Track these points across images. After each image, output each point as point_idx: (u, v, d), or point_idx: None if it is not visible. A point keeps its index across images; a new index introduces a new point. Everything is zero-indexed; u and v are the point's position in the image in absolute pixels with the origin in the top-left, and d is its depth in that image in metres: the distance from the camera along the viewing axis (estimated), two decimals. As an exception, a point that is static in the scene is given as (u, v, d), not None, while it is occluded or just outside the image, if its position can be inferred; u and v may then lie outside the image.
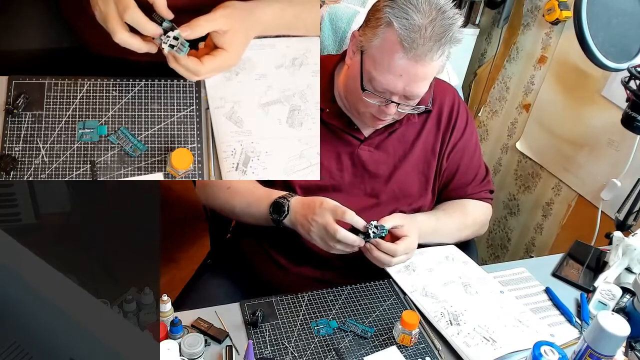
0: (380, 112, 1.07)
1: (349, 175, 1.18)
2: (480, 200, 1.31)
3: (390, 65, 1.00)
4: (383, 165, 1.19)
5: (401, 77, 1.00)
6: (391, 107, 1.05)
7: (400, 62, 0.99)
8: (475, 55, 2.36)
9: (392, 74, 1.00)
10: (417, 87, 1.03)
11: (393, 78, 1.01)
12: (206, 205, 1.31)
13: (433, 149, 1.22)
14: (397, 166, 1.20)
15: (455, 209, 1.26)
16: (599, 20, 1.26)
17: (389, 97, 1.04)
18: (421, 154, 1.22)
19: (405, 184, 1.21)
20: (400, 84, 1.01)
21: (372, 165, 1.19)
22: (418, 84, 1.02)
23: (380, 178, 1.19)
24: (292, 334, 0.98)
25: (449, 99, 1.24)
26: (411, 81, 1.01)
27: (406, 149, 1.21)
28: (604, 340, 0.88)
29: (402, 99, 1.05)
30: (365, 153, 1.18)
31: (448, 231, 1.23)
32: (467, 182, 1.28)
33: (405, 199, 1.21)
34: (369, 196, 1.19)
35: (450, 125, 1.23)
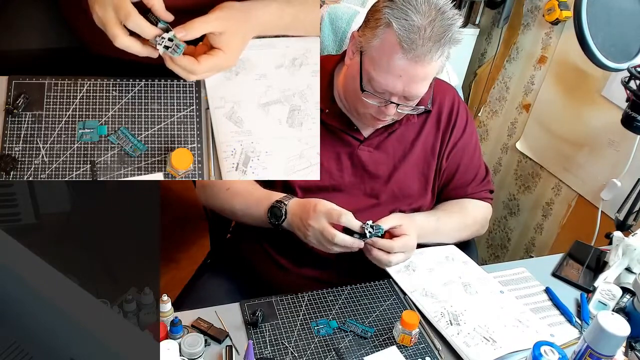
0: (379, 113, 1.07)
1: (348, 175, 1.18)
2: (480, 200, 1.31)
3: (390, 66, 1.00)
4: (383, 166, 1.19)
5: (400, 78, 1.00)
6: (390, 107, 1.05)
7: (400, 62, 0.99)
8: (475, 55, 2.36)
9: (391, 75, 1.00)
10: (417, 88, 1.03)
11: (392, 79, 1.01)
12: (206, 206, 1.31)
13: (433, 148, 1.22)
14: (396, 166, 1.20)
15: (455, 209, 1.26)
16: (599, 20, 1.26)
17: (389, 97, 1.04)
18: (421, 154, 1.22)
19: (405, 184, 1.21)
20: (399, 84, 1.01)
21: (371, 165, 1.19)
22: (417, 85, 1.02)
23: (380, 178, 1.19)
24: (292, 334, 0.98)
25: (449, 99, 1.24)
26: (411, 82, 1.01)
27: (406, 149, 1.21)
28: (604, 340, 0.88)
29: (401, 100, 1.05)
30: (365, 153, 1.18)
31: (448, 231, 1.23)
32: (467, 182, 1.28)
33: (405, 199, 1.21)
34: (369, 196, 1.19)
35: (450, 125, 1.23)
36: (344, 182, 1.18)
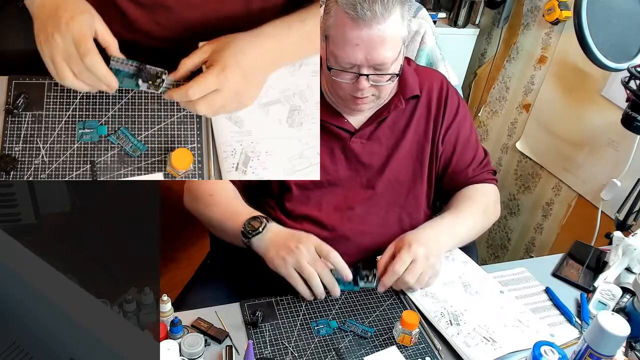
0: (355, 90, 1.07)
1: (343, 169, 1.19)
2: (484, 182, 1.28)
3: (345, 39, 1.01)
4: (376, 156, 1.20)
5: (358, 47, 1.01)
6: (362, 80, 1.05)
7: (353, 32, 1.00)
8: (475, 55, 2.36)
9: (348, 46, 1.02)
10: (379, 53, 1.02)
11: (351, 49, 1.02)
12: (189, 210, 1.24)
13: (425, 134, 1.22)
14: (390, 155, 1.20)
15: (462, 207, 1.21)
16: (599, 20, 1.26)
17: (358, 71, 1.04)
18: (414, 142, 1.22)
19: (400, 173, 1.21)
20: (360, 53, 1.02)
21: (365, 156, 1.19)
22: (378, 50, 1.02)
23: (375, 169, 1.20)
24: (292, 334, 0.98)
25: (437, 84, 1.24)
26: (370, 48, 1.01)
27: (398, 138, 1.21)
28: (604, 340, 0.88)
29: (370, 70, 1.05)
30: (358, 145, 1.18)
31: (466, 234, 1.19)
32: (466, 164, 1.26)
33: (401, 187, 1.22)
34: (365, 188, 1.20)
35: (441, 109, 1.23)
36: (339, 176, 1.18)
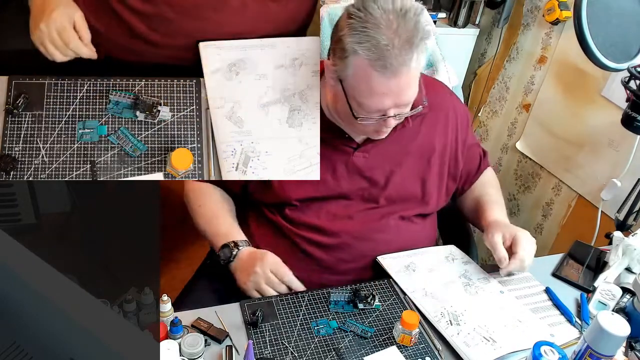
0: (380, 127, 1.06)
1: (345, 183, 1.16)
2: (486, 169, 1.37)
3: (372, 89, 0.98)
4: (379, 170, 1.18)
5: (386, 95, 0.98)
6: (389, 120, 1.04)
7: (380, 83, 0.96)
8: (475, 55, 2.36)
9: (376, 96, 0.98)
10: (406, 96, 1.01)
11: (379, 99, 0.99)
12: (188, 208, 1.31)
13: (434, 151, 1.21)
14: (393, 170, 1.18)
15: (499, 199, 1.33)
16: (599, 20, 1.26)
17: (384, 113, 1.02)
18: (420, 157, 1.20)
19: (403, 188, 1.19)
20: (387, 101, 0.99)
21: (368, 170, 1.17)
22: (406, 94, 1.00)
23: (377, 183, 1.18)
24: (292, 334, 0.98)
25: (441, 96, 1.24)
26: (398, 95, 0.99)
27: (402, 152, 1.19)
28: (604, 340, 0.88)
29: (396, 110, 1.03)
30: (360, 159, 1.16)
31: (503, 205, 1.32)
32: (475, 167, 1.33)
33: (404, 203, 1.20)
34: (367, 201, 1.18)
35: (450, 124, 1.23)
36: (341, 190, 1.16)
